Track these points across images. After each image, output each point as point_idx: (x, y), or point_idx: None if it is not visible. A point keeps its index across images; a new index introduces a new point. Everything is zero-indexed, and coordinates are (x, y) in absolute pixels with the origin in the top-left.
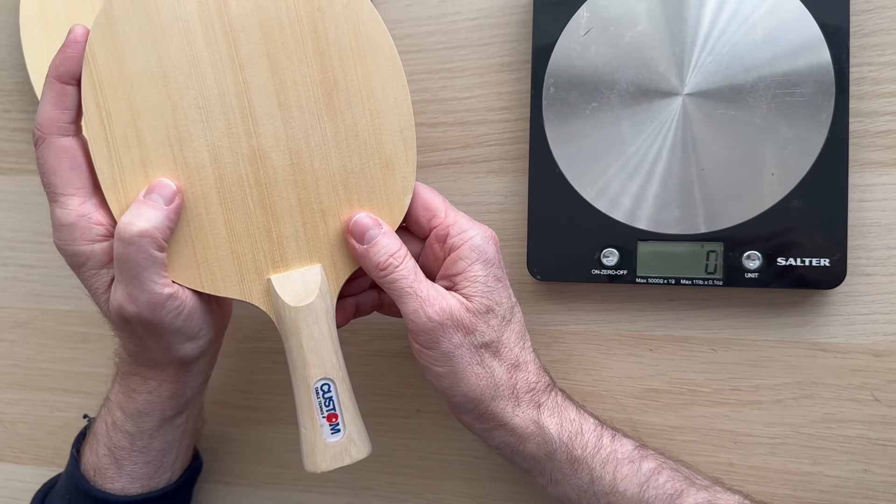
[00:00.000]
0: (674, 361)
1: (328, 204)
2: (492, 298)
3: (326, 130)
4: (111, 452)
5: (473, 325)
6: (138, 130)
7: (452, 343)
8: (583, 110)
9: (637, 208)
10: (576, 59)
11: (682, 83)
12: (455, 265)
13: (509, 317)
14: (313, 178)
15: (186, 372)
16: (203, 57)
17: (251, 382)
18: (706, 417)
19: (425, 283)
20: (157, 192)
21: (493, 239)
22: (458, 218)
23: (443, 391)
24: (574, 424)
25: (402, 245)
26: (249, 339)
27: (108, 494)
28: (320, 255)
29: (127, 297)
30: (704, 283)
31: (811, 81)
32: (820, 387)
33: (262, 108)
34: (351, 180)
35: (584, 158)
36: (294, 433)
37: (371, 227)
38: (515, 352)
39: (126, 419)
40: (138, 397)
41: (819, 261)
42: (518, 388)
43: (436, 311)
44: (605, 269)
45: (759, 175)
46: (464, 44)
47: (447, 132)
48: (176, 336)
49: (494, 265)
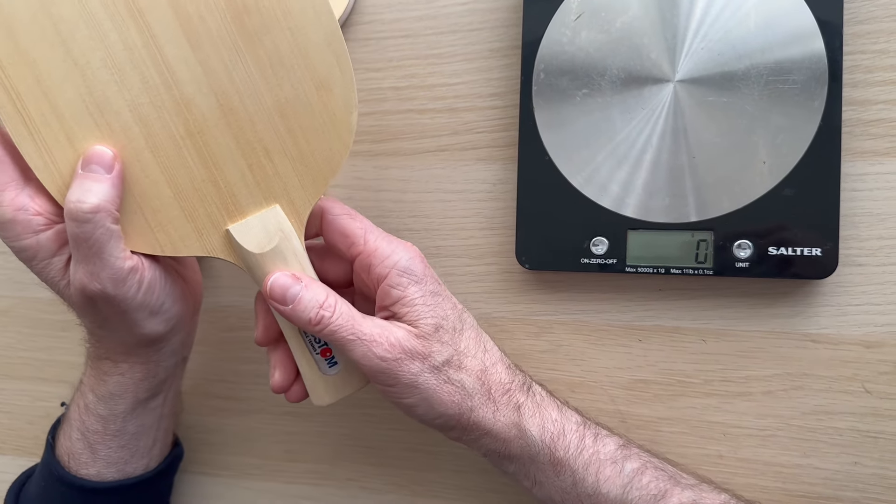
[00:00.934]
0: (663, 352)
1: (270, 140)
2: (437, 315)
3: (248, 62)
4: (84, 437)
5: (427, 349)
6: (53, 105)
7: (412, 373)
8: (573, 97)
9: (627, 196)
10: (566, 44)
11: (674, 70)
12: (388, 295)
13: (460, 326)
14: (247, 117)
15: (156, 352)
16: (99, 13)
17: (234, 372)
18: (695, 409)
19: (366, 323)
20: (96, 161)
21: (418, 256)
22: (378, 242)
23: (420, 419)
24: (556, 425)
25: (329, 292)
26: (233, 328)
27: (83, 480)
28: (275, 195)
29: (88, 275)
30: (694, 272)
31: (804, 69)
32: (810, 378)
33: (173, 54)
34: (288, 110)
35: (574, 146)
36: (277, 424)
37: (290, 285)
38: (479, 357)
39: (98, 402)
40: (110, 380)
41: (810, 250)
42: (493, 391)
43: (385, 349)
44: (595, 257)
45: (750, 163)
46: (453, 29)
47: (435, 119)
48: (139, 311)
49: (427, 282)
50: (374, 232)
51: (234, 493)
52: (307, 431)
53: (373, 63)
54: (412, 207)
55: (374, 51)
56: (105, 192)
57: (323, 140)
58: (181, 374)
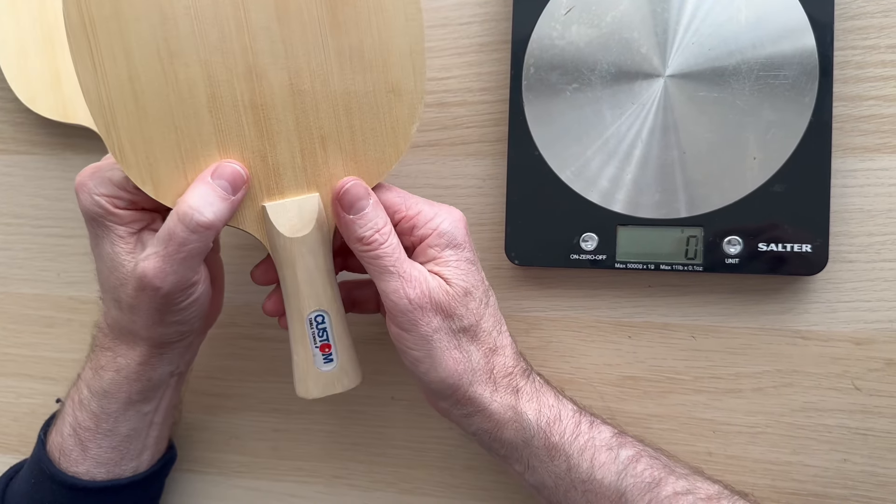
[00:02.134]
0: (653, 348)
1: (328, 130)
2: (468, 281)
3: (329, 48)
4: (76, 433)
5: (453, 309)
6: (125, 42)
7: (431, 327)
8: (563, 92)
9: (617, 192)
10: (556, 39)
11: (664, 64)
12: (425, 254)
13: (485, 300)
14: (313, 101)
15: (157, 355)
16: None
17: (222, 369)
18: (685, 406)
19: (408, 262)
20: (227, 179)
21: (462, 221)
22: (421, 206)
23: (419, 376)
24: (552, 410)
25: (388, 221)
26: (222, 324)
27: (73, 478)
28: (318, 183)
29: (158, 270)
30: (684, 268)
31: (795, 64)
32: (800, 375)
33: (259, 21)
34: (354, 105)
35: (564, 141)
36: (265, 421)
37: (361, 196)
38: (493, 336)
39: (92, 398)
40: (105, 375)
41: (801, 247)
42: (495, 372)
43: (416, 293)
44: (585, 253)
45: (740, 159)
46: (443, 23)
47: (425, 113)
48: (173, 315)
49: (465, 248)
50: (414, 197)
51: (220, 491)
52: (294, 429)
53: None
54: None
55: None
56: (223, 213)
57: (379, 142)
58: (178, 388)
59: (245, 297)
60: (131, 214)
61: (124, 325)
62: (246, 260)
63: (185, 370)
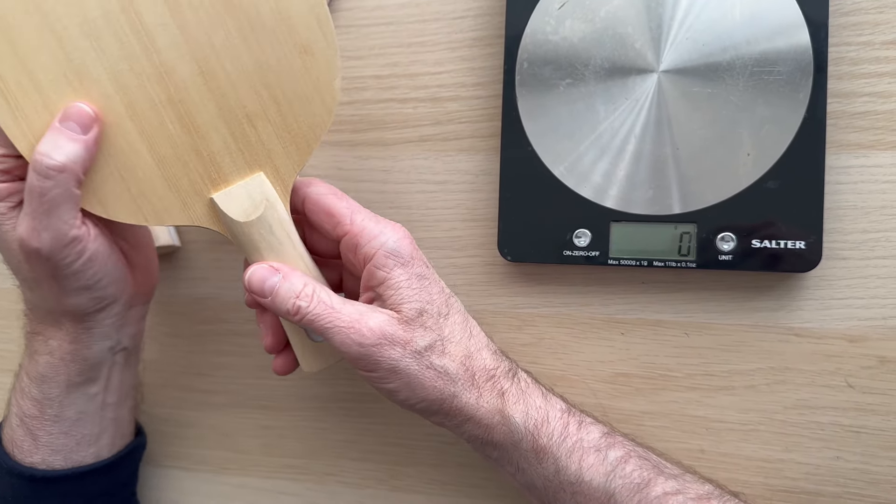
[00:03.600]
0: (646, 345)
1: (252, 107)
2: (421, 300)
3: (228, 26)
4: (23, 422)
5: (408, 334)
6: (30, 74)
7: (393, 358)
8: (557, 87)
9: (610, 188)
10: (550, 34)
11: (658, 60)
12: (374, 276)
13: (446, 310)
14: (228, 83)
15: (85, 331)
16: None
17: (211, 365)
18: (678, 403)
19: (344, 310)
20: (74, 119)
21: (407, 237)
22: (365, 222)
23: (402, 404)
24: (540, 412)
25: (307, 280)
26: (209, 321)
27: (30, 469)
28: (259, 162)
29: (31, 230)
30: (678, 264)
31: (789, 60)
32: (793, 372)
33: (152, 19)
34: (270, 76)
35: (557, 136)
36: (254, 418)
37: (267, 277)
38: (463, 343)
39: (31, 384)
40: (40, 359)
41: (794, 243)
42: (476, 377)
43: (363, 335)
44: (578, 249)
45: (734, 155)
46: (436, 17)
47: (418, 108)
48: (71, 280)
49: (414, 264)
50: (361, 212)
51: (211, 488)
52: (284, 426)
53: (354, 51)
54: (393, 198)
55: (355, 38)
56: (75, 153)
57: (306, 106)
58: (129, 368)
59: (234, 294)
60: (6, 187)
61: (38, 304)
62: (232, 256)
63: (131, 347)
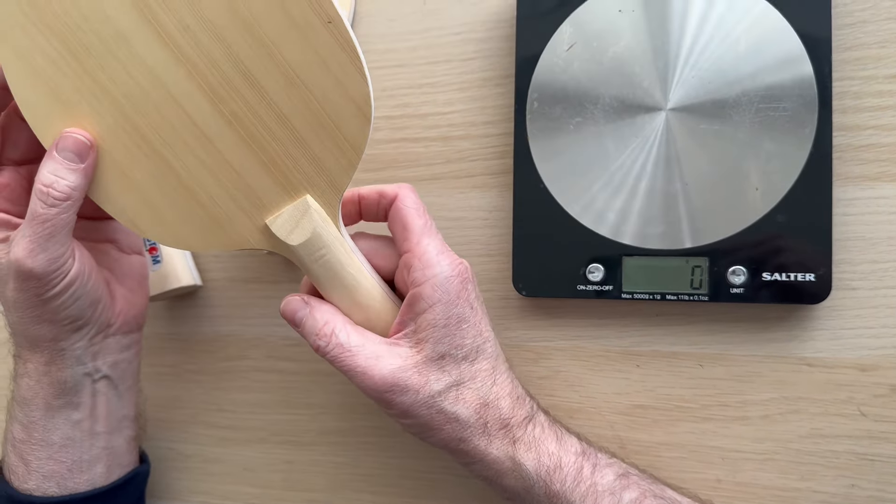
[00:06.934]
0: (661, 377)
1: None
2: (448, 343)
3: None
4: (14, 447)
5: (423, 378)
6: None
7: (405, 403)
8: (567, 125)
9: (622, 223)
10: (559, 73)
11: (666, 98)
12: (416, 304)
13: (474, 356)
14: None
15: (58, 352)
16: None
17: (233, 402)
18: (693, 433)
19: (361, 355)
20: (72, 149)
21: (461, 276)
22: (428, 247)
23: (416, 437)
24: (552, 458)
25: (328, 318)
26: (231, 357)
27: (28, 496)
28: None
29: (28, 252)
30: (690, 298)
31: (794, 96)
32: (806, 402)
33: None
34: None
35: (568, 173)
36: (277, 453)
37: (297, 309)
38: (483, 390)
39: (17, 408)
40: (22, 382)
41: (804, 276)
42: (489, 425)
43: (375, 381)
44: (591, 284)
45: (743, 190)
46: (447, 58)
47: (430, 147)
48: (53, 301)
49: (458, 305)
50: (431, 236)
51: None
52: (306, 460)
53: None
54: None
55: None
56: (77, 182)
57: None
58: (116, 396)
59: (255, 331)
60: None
61: (18, 328)
62: (253, 293)
63: (115, 376)
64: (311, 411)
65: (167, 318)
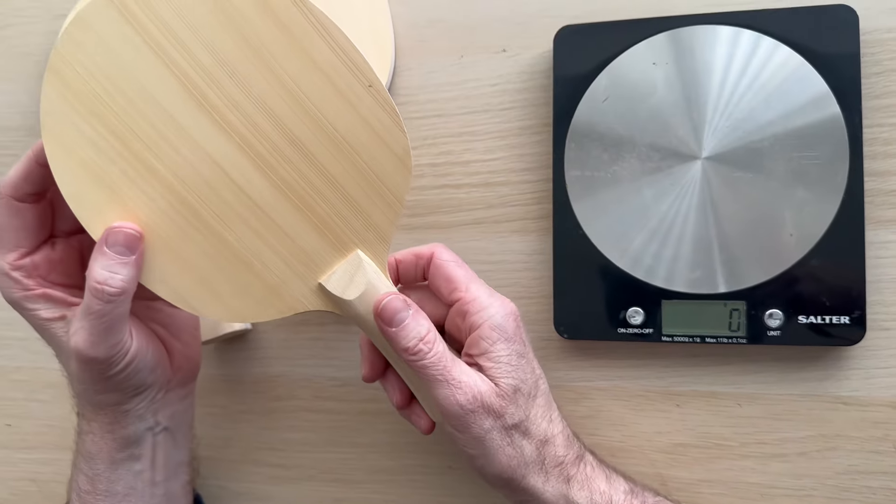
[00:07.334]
0: (700, 416)
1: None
2: (517, 377)
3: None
4: (80, 498)
5: (503, 409)
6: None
7: (483, 428)
8: (604, 173)
9: (660, 268)
10: (596, 123)
11: (701, 147)
12: (477, 345)
13: (534, 392)
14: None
15: (121, 414)
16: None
17: (282, 440)
18: (733, 471)
19: (456, 367)
20: (122, 244)
21: (514, 314)
22: (478, 292)
23: (476, 470)
24: (604, 497)
25: (431, 327)
26: (281, 397)
27: None
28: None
29: (89, 343)
30: (729, 340)
31: (825, 144)
32: (843, 439)
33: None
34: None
35: (607, 220)
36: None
37: (399, 309)
38: (543, 427)
39: (82, 461)
40: (86, 438)
41: (839, 318)
42: (546, 462)
43: (467, 398)
44: (631, 327)
45: (778, 236)
46: (485, 108)
47: (471, 193)
48: (115, 376)
49: (516, 342)
50: (477, 282)
51: None
52: (355, 498)
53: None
54: None
55: (410, 130)
56: (129, 276)
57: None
58: (177, 446)
59: (302, 372)
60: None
61: (83, 395)
62: (301, 335)
63: (172, 426)
64: (359, 450)
65: (217, 360)
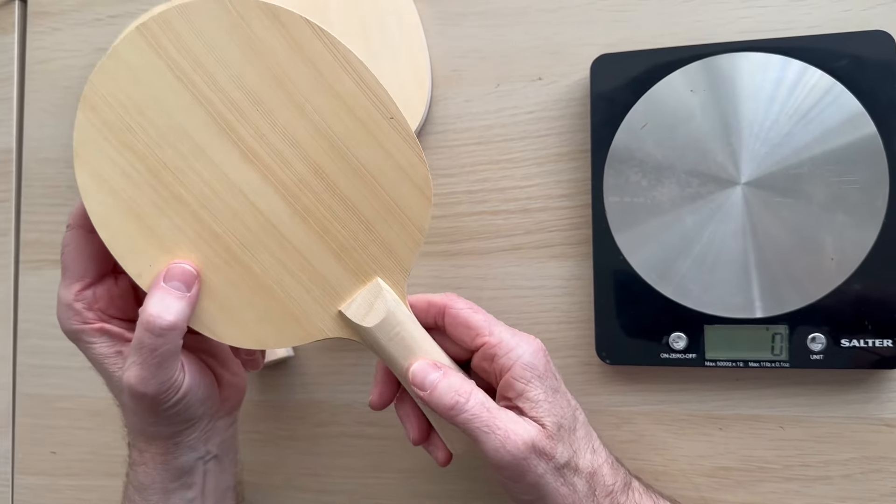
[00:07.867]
0: (743, 439)
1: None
2: (558, 414)
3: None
4: None
5: (553, 450)
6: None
7: (537, 473)
8: (644, 199)
9: (703, 293)
10: (635, 150)
11: (739, 172)
12: (512, 387)
13: (574, 425)
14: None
15: (174, 445)
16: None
17: (326, 466)
18: (777, 493)
19: (500, 416)
20: (179, 278)
21: (542, 350)
22: (503, 335)
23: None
24: None
25: (465, 379)
26: (324, 423)
27: None
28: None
29: (140, 379)
30: (771, 365)
31: (864, 169)
32: (887, 461)
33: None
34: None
35: (647, 245)
36: None
37: (429, 372)
38: (588, 458)
39: (135, 492)
40: (138, 469)
41: (882, 341)
42: (597, 494)
43: (517, 446)
44: (674, 352)
45: (819, 260)
46: (522, 136)
47: (509, 219)
48: (167, 410)
49: (549, 378)
50: (498, 325)
51: None
52: None
53: (447, 169)
54: (489, 304)
55: (447, 157)
56: (183, 311)
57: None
58: (224, 472)
59: (344, 398)
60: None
61: (136, 427)
62: (342, 361)
63: (220, 453)
64: (401, 475)
65: (260, 385)
